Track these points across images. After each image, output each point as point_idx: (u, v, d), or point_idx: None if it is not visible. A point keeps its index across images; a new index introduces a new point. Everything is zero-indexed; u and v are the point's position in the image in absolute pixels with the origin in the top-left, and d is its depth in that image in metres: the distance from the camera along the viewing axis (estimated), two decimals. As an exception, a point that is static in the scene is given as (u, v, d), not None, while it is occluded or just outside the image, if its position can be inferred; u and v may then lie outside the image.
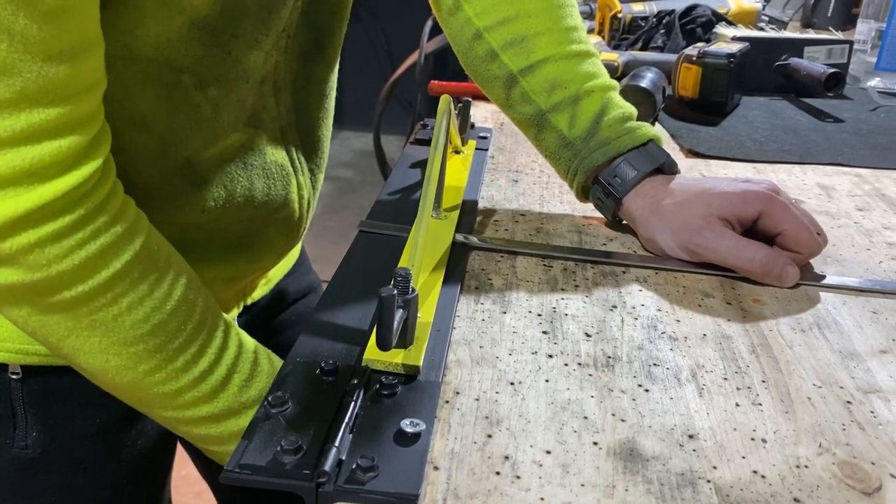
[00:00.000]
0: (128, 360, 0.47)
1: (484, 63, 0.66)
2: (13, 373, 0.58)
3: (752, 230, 0.58)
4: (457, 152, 0.79)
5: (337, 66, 0.67)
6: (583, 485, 0.36)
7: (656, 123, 0.97)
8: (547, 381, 0.44)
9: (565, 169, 0.65)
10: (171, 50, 0.48)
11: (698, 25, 1.25)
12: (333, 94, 0.68)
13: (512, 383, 0.43)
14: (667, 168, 0.63)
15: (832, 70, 1.04)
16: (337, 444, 0.36)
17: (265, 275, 0.74)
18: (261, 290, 0.75)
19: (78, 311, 0.45)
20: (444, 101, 0.61)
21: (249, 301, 0.73)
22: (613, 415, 0.41)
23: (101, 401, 0.60)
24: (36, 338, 0.47)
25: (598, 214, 0.68)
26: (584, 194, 0.66)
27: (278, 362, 0.55)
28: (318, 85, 0.63)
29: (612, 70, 1.11)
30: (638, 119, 0.64)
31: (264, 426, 0.37)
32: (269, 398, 0.39)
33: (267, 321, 0.77)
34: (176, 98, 0.51)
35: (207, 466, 0.81)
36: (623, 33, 1.31)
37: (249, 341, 0.54)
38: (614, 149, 0.62)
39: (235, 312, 0.71)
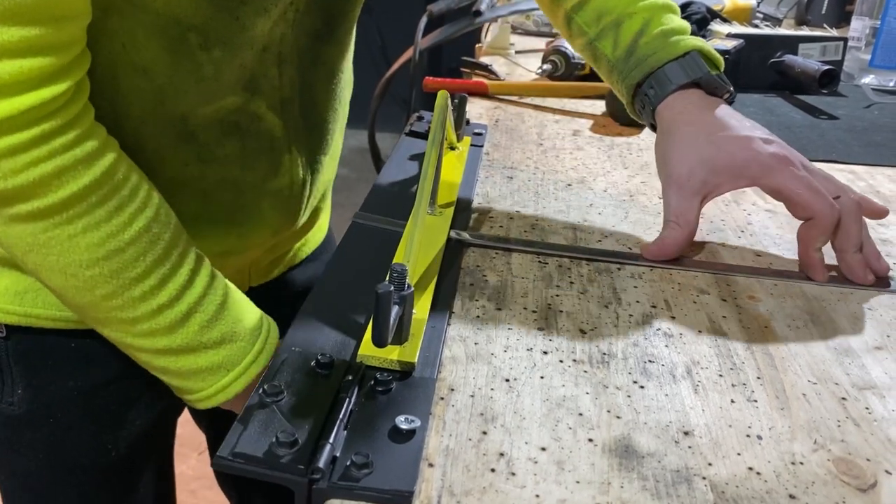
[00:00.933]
0: (84, 283, 0.48)
1: (550, 9, 0.72)
2: None
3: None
4: (452, 148, 0.79)
5: (350, 52, 0.67)
6: (578, 482, 0.36)
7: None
8: (542, 377, 0.44)
9: (618, 92, 0.67)
10: (180, 7, 0.49)
11: (693, 22, 1.25)
12: (345, 78, 0.67)
13: (507, 380, 0.43)
14: (704, 83, 0.62)
15: (827, 67, 1.05)
16: (331, 440, 0.36)
17: (269, 255, 0.72)
18: (270, 272, 0.74)
19: (35, 226, 0.46)
20: (442, 97, 0.61)
21: (255, 283, 0.73)
22: (608, 411, 0.41)
23: (83, 364, 0.62)
24: (5, 249, 0.48)
25: (593, 213, 0.68)
26: (635, 113, 0.67)
27: (251, 313, 0.55)
28: (327, 65, 0.63)
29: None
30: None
31: (259, 415, 0.37)
32: (265, 387, 0.39)
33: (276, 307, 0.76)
34: (180, 54, 0.51)
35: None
36: (618, 30, 1.31)
37: (222, 285, 0.54)
38: (649, 64, 0.62)
39: None
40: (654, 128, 0.64)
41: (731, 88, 0.63)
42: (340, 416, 0.38)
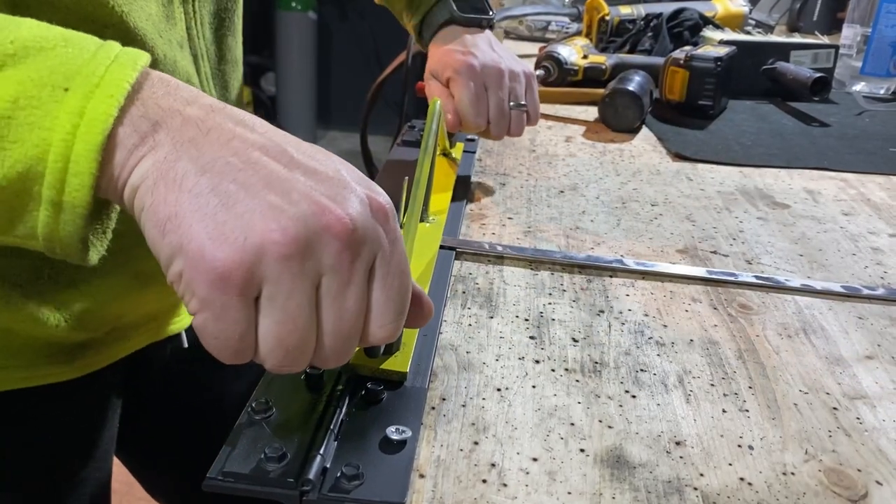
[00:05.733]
0: None
1: None
2: None
3: None
4: (445, 155, 0.79)
5: (241, 37, 0.66)
6: (569, 492, 0.36)
7: (643, 126, 0.98)
8: (534, 386, 0.44)
9: (409, 29, 0.80)
10: (92, 5, 0.45)
11: (686, 29, 1.25)
12: (241, 66, 0.68)
13: (499, 389, 0.43)
14: (460, 21, 0.74)
15: (818, 74, 1.05)
16: (321, 451, 0.35)
17: None
18: None
19: None
20: (434, 105, 0.60)
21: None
22: (600, 421, 0.41)
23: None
24: None
25: (585, 220, 0.68)
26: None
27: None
28: (233, 53, 0.63)
29: (600, 72, 1.11)
30: (627, 122, 0.64)
31: (248, 433, 0.37)
32: (253, 404, 0.38)
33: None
34: None
35: (148, 480, 0.81)
36: (611, 36, 1.31)
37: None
38: (425, 7, 0.75)
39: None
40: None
41: (482, 20, 0.75)
42: (331, 426, 0.37)
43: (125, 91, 0.32)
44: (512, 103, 0.70)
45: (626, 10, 1.32)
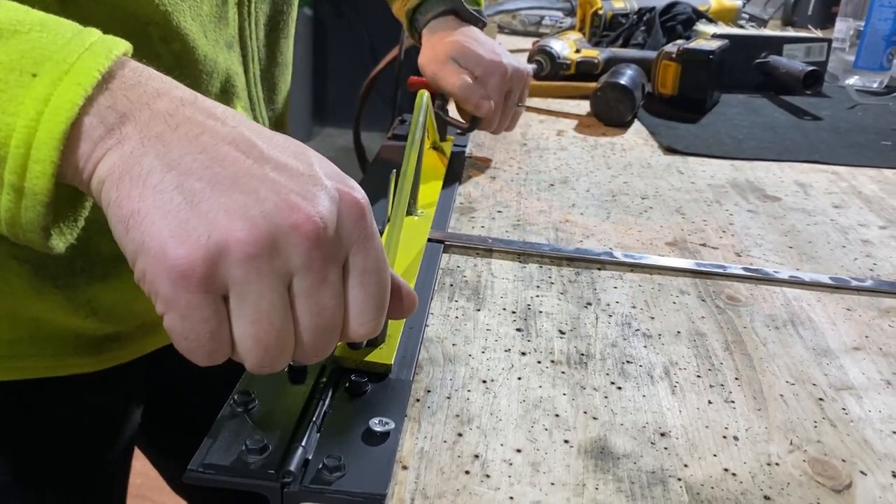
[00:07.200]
0: None
1: None
2: None
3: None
4: (435, 148, 0.78)
5: (293, 40, 0.67)
6: (553, 483, 0.36)
7: (635, 120, 0.97)
8: (519, 378, 0.43)
9: (401, 18, 0.81)
10: (136, 4, 0.45)
11: (679, 22, 1.25)
12: (291, 68, 0.68)
13: (484, 381, 0.43)
14: (461, 12, 0.77)
15: (811, 68, 1.05)
16: (304, 443, 0.35)
17: None
18: None
19: None
20: (421, 97, 0.60)
21: None
22: (585, 412, 0.41)
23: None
24: None
25: (575, 213, 0.68)
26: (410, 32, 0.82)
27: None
28: (284, 56, 0.64)
29: (592, 66, 1.10)
30: (619, 116, 0.64)
31: (230, 425, 0.37)
32: (235, 396, 0.38)
33: None
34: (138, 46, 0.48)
35: (167, 471, 0.80)
36: (604, 30, 1.31)
37: None
38: None
39: None
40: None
41: (483, 20, 0.79)
42: (313, 418, 0.37)
43: (94, 80, 0.31)
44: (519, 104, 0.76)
45: (619, 5, 1.32)
